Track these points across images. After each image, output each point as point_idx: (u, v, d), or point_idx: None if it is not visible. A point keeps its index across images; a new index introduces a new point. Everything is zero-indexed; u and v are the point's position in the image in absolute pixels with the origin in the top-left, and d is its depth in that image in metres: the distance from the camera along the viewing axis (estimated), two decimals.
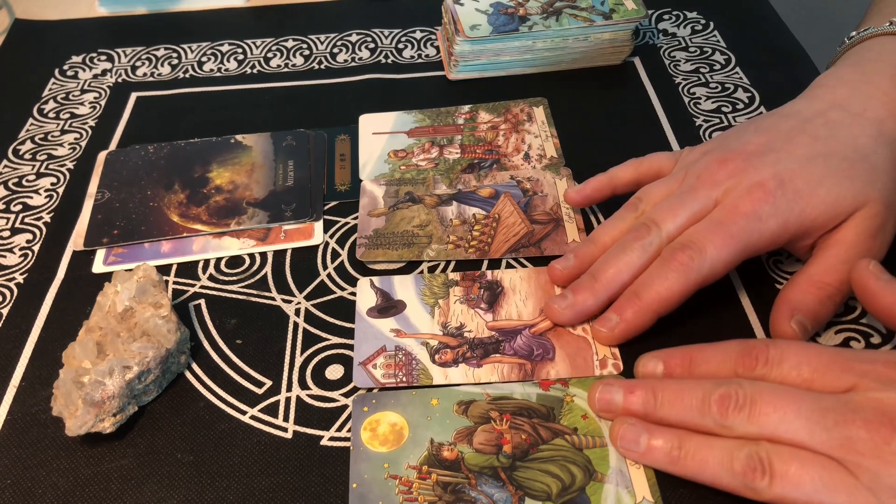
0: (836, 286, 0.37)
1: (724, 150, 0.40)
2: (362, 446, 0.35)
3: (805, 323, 0.37)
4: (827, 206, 0.37)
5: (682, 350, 0.36)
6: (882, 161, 0.38)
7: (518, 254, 0.43)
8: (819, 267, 0.37)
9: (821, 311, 0.37)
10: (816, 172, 0.37)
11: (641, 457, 0.33)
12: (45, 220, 0.48)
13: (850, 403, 0.30)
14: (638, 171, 0.44)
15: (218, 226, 0.46)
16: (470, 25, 0.55)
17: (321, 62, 0.60)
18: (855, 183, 0.37)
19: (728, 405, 0.31)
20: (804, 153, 0.38)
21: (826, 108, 0.40)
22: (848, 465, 0.29)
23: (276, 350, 0.40)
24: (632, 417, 0.34)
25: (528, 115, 0.53)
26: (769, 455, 0.30)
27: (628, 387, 0.34)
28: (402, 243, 0.44)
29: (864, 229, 0.37)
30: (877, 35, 0.43)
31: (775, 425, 0.31)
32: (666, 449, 0.33)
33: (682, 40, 0.60)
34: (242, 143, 0.52)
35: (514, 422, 0.36)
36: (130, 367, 0.36)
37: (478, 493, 0.33)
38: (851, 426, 0.29)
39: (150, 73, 0.59)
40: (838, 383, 0.31)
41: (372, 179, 0.49)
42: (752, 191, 0.37)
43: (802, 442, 0.30)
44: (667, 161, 0.43)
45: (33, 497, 0.35)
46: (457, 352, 0.39)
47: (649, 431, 0.33)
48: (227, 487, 0.35)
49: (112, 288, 0.39)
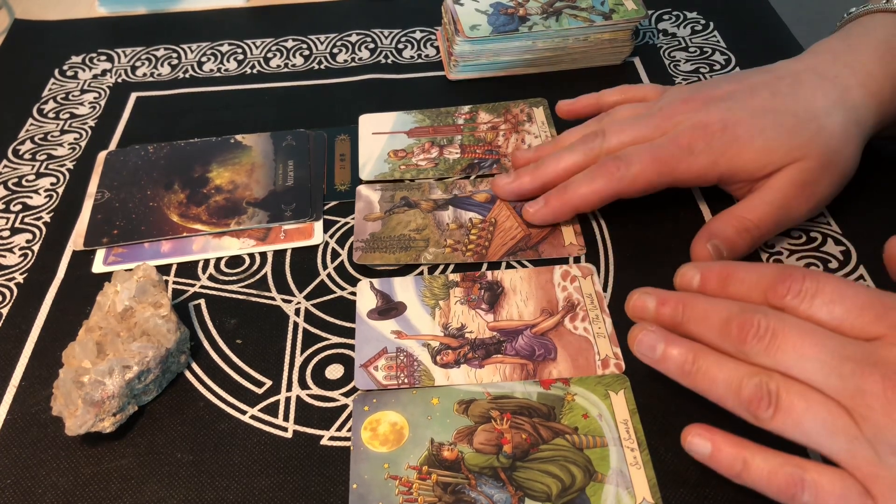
0: (755, 222, 0.40)
1: (694, 91, 0.44)
2: (362, 446, 0.35)
3: (720, 248, 0.40)
4: (758, 155, 0.40)
5: (721, 265, 0.36)
6: (833, 124, 0.40)
7: (516, 256, 0.43)
8: (743, 205, 0.41)
9: (736, 241, 0.40)
10: (760, 124, 0.41)
11: (656, 363, 0.34)
12: (45, 220, 0.48)
13: (871, 356, 0.29)
14: (625, 96, 0.48)
15: (218, 226, 0.46)
16: (470, 25, 0.55)
17: (321, 62, 0.60)
18: (793, 138, 0.40)
19: (748, 332, 0.31)
20: (758, 105, 0.41)
21: (802, 69, 0.43)
22: (854, 414, 0.29)
23: (276, 350, 0.40)
24: (653, 325, 0.35)
25: (528, 116, 0.53)
26: (778, 387, 0.30)
27: (661, 298, 0.35)
28: (399, 247, 0.44)
29: (792, 178, 0.40)
30: (872, 11, 0.45)
31: (792, 362, 0.30)
32: (680, 361, 0.33)
33: (682, 40, 0.60)
34: (242, 143, 0.52)
35: (514, 421, 0.36)
36: (130, 366, 0.36)
37: (478, 493, 0.33)
38: (868, 378, 0.29)
39: (150, 74, 0.59)
40: (869, 329, 0.30)
41: (366, 184, 0.49)
42: (695, 128, 0.41)
43: (815, 383, 0.30)
44: (653, 92, 0.47)
45: (33, 497, 0.35)
46: (458, 353, 0.39)
47: (667, 340, 0.33)
48: (227, 487, 0.35)
49: (112, 288, 0.39)
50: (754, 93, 0.42)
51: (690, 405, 0.37)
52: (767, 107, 0.41)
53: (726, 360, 0.32)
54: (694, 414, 0.36)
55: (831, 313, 0.31)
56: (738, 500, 0.33)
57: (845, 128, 0.41)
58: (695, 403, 0.37)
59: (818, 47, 0.45)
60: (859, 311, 0.31)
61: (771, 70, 0.44)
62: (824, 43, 0.45)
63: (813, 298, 0.32)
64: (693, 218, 0.45)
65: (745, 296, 0.34)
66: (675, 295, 0.35)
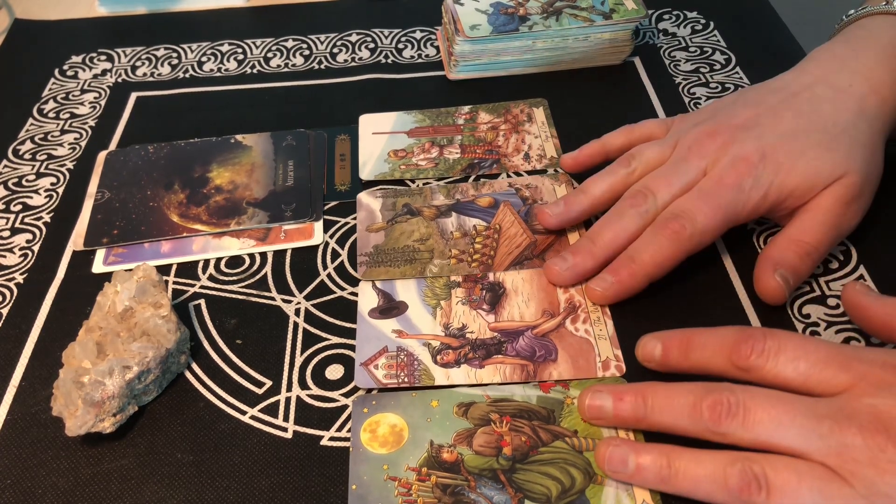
0: (814, 244, 0.39)
1: (714, 123, 0.42)
2: (362, 448, 0.35)
3: (787, 276, 0.39)
4: (805, 178, 0.39)
5: (681, 333, 0.36)
6: (861, 135, 0.40)
7: (522, 266, 0.43)
8: (797, 228, 0.40)
9: (800, 267, 0.39)
10: (797, 146, 0.40)
11: (631, 478, 0.33)
12: (45, 220, 0.48)
13: (844, 409, 0.30)
14: (630, 138, 0.46)
15: (218, 226, 0.46)
16: (470, 25, 0.55)
17: (321, 62, 0.60)
18: (833, 155, 0.39)
19: (720, 412, 0.31)
20: (787, 128, 0.40)
21: (813, 82, 0.42)
22: (843, 473, 0.29)
23: (276, 350, 0.40)
24: (617, 438, 0.34)
25: (528, 116, 0.53)
26: (763, 468, 0.30)
27: (617, 393, 0.34)
28: (403, 260, 0.44)
29: (840, 196, 0.39)
30: (872, 13, 0.45)
31: (770, 432, 0.30)
32: (655, 468, 0.32)
33: (682, 40, 0.60)
34: (242, 143, 0.52)
35: (513, 424, 0.36)
36: (130, 367, 0.36)
37: (477, 495, 0.33)
38: (847, 433, 0.29)
39: (150, 73, 0.59)
40: (835, 381, 0.31)
41: (367, 191, 0.49)
42: (736, 164, 0.40)
43: (797, 449, 0.30)
44: (658, 128, 0.46)
45: (33, 497, 0.35)
46: (459, 353, 0.39)
47: (636, 450, 0.33)
48: (227, 487, 0.35)
49: (112, 288, 0.39)
50: (777, 115, 0.41)
51: None
52: (796, 128, 0.40)
53: (702, 454, 0.31)
54: None
55: (797, 369, 0.32)
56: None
57: (871, 137, 0.40)
58: None
59: (819, 54, 0.44)
60: (824, 365, 0.31)
61: (782, 87, 0.43)
62: (826, 49, 0.44)
63: (777, 356, 0.32)
64: None
65: (709, 361, 0.34)
66: (629, 387, 0.34)
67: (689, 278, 0.42)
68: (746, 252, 0.43)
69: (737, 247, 0.44)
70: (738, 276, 0.42)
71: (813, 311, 0.40)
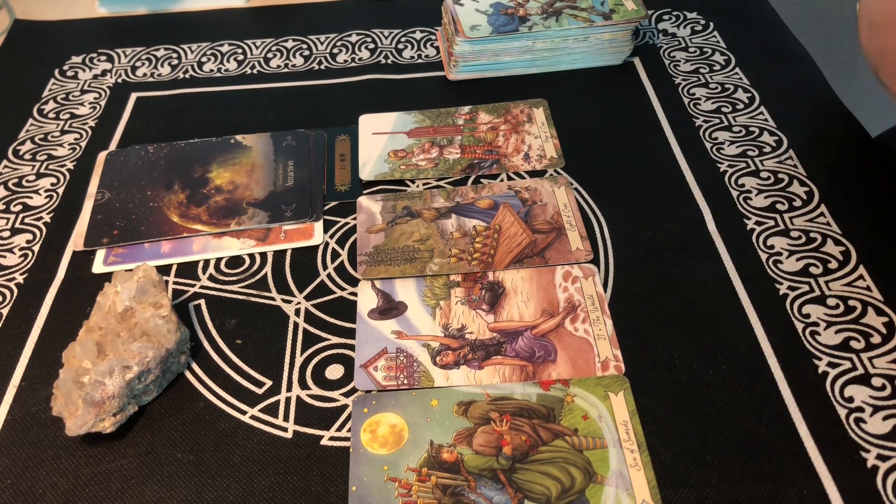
0: None
1: None
2: (362, 448, 0.35)
3: None
4: None
5: None
6: None
7: (522, 265, 0.43)
8: None
9: None
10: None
11: None
12: (45, 220, 0.48)
13: None
14: None
15: (218, 226, 0.46)
16: (470, 26, 0.55)
17: (321, 62, 0.60)
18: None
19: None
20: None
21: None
22: None
23: (276, 350, 0.40)
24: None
25: (528, 116, 0.53)
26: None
27: None
28: (403, 259, 0.44)
29: None
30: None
31: None
32: None
33: (682, 40, 0.60)
34: (242, 143, 0.52)
35: (514, 423, 0.36)
36: (130, 367, 0.36)
37: (477, 495, 0.33)
38: None
39: (150, 74, 0.59)
40: None
41: (367, 195, 0.49)
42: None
43: None
44: None
45: (33, 497, 0.35)
46: (458, 353, 0.39)
47: None
48: (227, 487, 0.35)
49: (112, 288, 0.39)
50: None
51: (690, 406, 0.37)
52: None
53: None
54: (694, 415, 0.36)
55: None
56: (738, 500, 0.33)
57: None
58: (695, 404, 0.37)
59: None
60: None
61: None
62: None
63: None
64: (694, 218, 0.45)
65: None
66: None
67: (690, 278, 0.42)
68: (747, 252, 0.43)
69: (737, 247, 0.44)
70: (739, 276, 0.42)
71: (813, 311, 0.40)
